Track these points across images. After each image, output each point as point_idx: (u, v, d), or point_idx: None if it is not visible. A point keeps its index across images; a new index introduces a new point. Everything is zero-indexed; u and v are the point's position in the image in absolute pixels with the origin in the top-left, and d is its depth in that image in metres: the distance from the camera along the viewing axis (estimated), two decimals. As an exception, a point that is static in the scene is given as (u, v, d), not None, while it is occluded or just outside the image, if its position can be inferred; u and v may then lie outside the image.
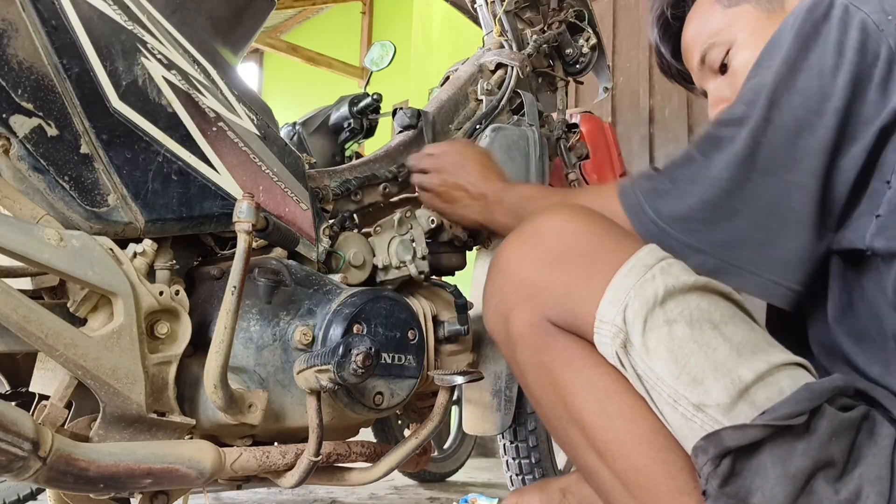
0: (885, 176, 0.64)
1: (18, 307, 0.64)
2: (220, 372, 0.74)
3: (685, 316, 0.63)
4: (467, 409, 1.34)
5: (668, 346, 0.62)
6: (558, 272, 0.68)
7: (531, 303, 0.69)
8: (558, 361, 0.68)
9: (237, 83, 0.92)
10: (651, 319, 0.61)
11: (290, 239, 0.87)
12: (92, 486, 0.68)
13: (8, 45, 0.70)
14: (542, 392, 0.71)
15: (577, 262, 0.68)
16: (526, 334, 0.70)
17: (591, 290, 0.65)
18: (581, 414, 0.66)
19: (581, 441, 0.67)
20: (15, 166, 0.73)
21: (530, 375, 0.71)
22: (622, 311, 0.62)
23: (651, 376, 0.62)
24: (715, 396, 0.60)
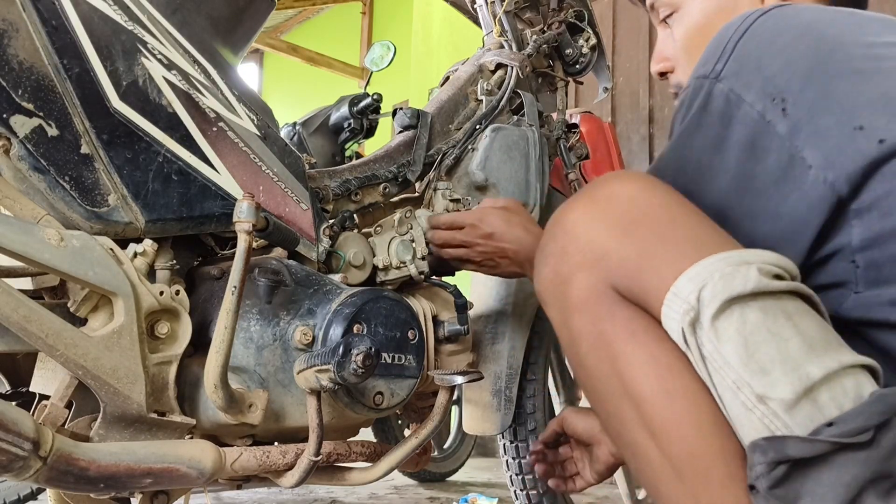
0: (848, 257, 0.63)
1: (19, 307, 0.64)
2: (221, 372, 0.74)
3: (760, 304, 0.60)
4: (467, 409, 1.34)
5: (738, 329, 0.59)
6: (631, 239, 0.65)
7: (597, 267, 0.66)
8: (621, 332, 0.65)
9: (237, 83, 0.92)
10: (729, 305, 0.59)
11: (291, 239, 0.87)
12: (92, 486, 0.68)
13: (8, 45, 0.71)
14: (597, 363, 0.67)
15: (652, 231, 0.65)
16: (588, 300, 0.67)
17: (666, 263, 0.62)
18: (639, 389, 0.63)
19: (633, 417, 0.64)
20: (15, 166, 0.73)
21: (585, 344, 0.68)
22: (698, 289, 0.59)
23: (717, 359, 0.59)
24: (780, 390, 0.58)
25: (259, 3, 0.99)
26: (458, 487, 2.53)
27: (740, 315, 0.59)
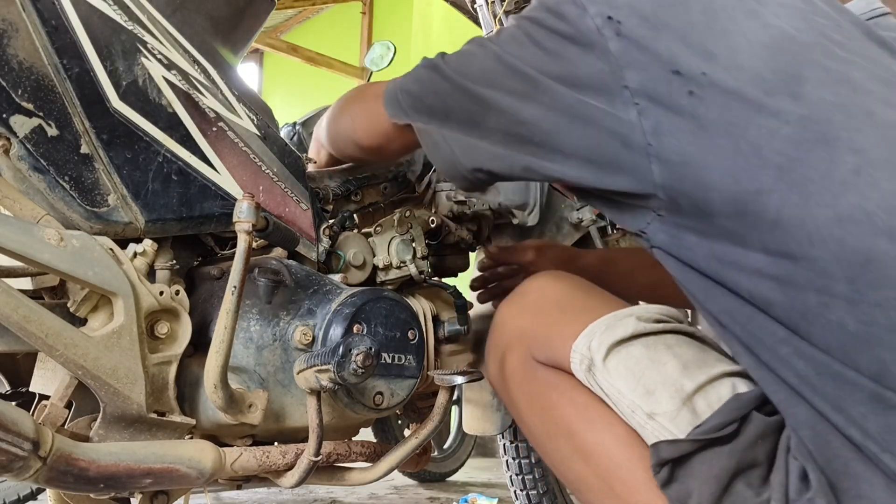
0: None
1: (19, 307, 0.64)
2: (220, 372, 0.74)
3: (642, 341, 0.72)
4: (467, 409, 1.34)
5: (625, 364, 0.71)
6: (541, 319, 0.80)
7: (520, 345, 0.81)
8: (544, 387, 0.79)
9: (237, 83, 0.92)
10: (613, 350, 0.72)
11: (290, 239, 0.87)
12: (92, 486, 0.68)
13: (8, 45, 0.71)
14: (532, 415, 0.81)
15: (557, 310, 0.80)
16: (517, 371, 0.82)
17: (567, 331, 0.76)
18: (567, 423, 0.76)
19: (568, 450, 0.76)
20: (15, 166, 0.73)
21: (522, 403, 0.82)
22: (589, 342, 0.73)
23: (613, 391, 0.71)
24: (663, 405, 0.68)
25: (259, 3, 0.99)
26: (458, 487, 2.53)
27: (626, 353, 0.71)
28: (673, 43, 0.62)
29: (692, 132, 0.61)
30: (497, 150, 0.74)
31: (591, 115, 0.65)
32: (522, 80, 0.69)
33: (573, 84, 0.66)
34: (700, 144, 0.61)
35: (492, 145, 0.74)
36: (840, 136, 0.57)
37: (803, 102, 0.58)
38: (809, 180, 0.57)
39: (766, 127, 0.58)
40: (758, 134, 0.59)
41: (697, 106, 0.60)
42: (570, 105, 0.66)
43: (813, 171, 0.57)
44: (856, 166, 0.56)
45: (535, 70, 0.68)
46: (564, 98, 0.67)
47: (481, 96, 0.73)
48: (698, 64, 0.61)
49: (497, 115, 0.72)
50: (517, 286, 0.86)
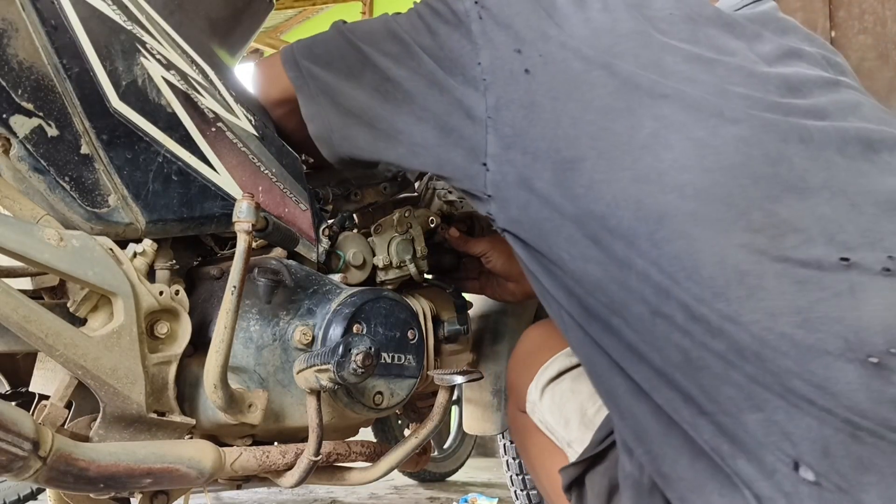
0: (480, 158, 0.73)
1: (18, 307, 0.64)
2: (220, 372, 0.74)
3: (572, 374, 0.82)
4: (467, 408, 1.34)
5: (552, 399, 0.82)
6: (519, 371, 0.93)
7: (511, 398, 0.97)
8: (523, 433, 0.93)
9: (235, 84, 0.92)
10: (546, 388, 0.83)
11: (290, 239, 0.87)
12: (92, 486, 0.68)
13: (8, 45, 0.71)
14: (521, 453, 0.97)
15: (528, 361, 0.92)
16: (511, 421, 0.98)
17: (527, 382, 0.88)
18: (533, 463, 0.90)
19: (538, 480, 0.91)
20: (15, 167, 0.73)
21: (517, 445, 0.97)
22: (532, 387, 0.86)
23: (548, 427, 0.83)
24: (574, 432, 0.78)
25: (257, 4, 0.99)
26: (458, 487, 2.53)
27: (555, 390, 0.83)
28: (520, 26, 0.70)
29: (525, 106, 0.68)
30: (364, 105, 0.81)
31: (447, 85, 0.73)
32: (398, 45, 0.79)
33: (438, 57, 0.75)
34: (531, 118, 0.67)
35: (360, 101, 0.82)
36: (644, 103, 0.62)
37: (616, 77, 0.64)
38: (614, 146, 0.63)
39: (582, 100, 0.65)
40: (575, 107, 0.65)
41: (531, 82, 0.67)
42: (431, 72, 0.75)
43: (617, 138, 0.63)
44: (654, 131, 0.62)
45: (411, 39, 0.78)
46: (428, 66, 0.75)
47: (363, 51, 0.82)
48: (536, 45, 0.68)
49: (371, 71, 0.81)
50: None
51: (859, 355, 0.52)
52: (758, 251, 0.56)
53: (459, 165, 0.74)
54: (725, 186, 0.58)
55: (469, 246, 1.13)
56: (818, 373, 0.52)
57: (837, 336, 0.53)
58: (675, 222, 0.59)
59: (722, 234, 0.57)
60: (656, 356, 0.60)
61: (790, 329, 0.54)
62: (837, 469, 0.51)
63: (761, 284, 0.55)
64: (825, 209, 0.57)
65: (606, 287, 0.63)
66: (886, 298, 0.53)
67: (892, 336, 0.52)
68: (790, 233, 0.56)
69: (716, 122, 0.61)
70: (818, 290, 0.54)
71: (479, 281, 1.18)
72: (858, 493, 0.50)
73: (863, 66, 2.25)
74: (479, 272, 1.18)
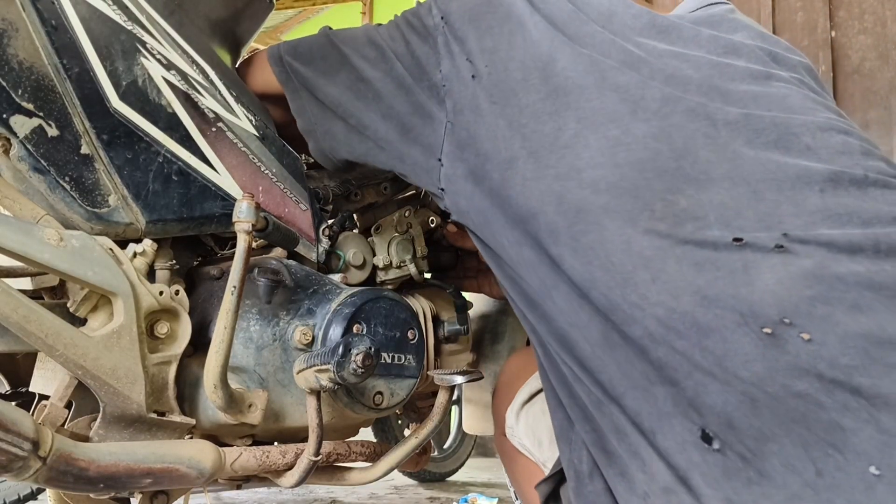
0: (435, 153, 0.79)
1: (18, 307, 0.64)
2: (220, 372, 0.74)
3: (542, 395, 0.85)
4: (467, 408, 1.34)
5: (526, 422, 0.86)
6: (498, 401, 0.99)
7: (496, 425, 1.01)
8: (506, 455, 0.98)
9: (235, 84, 0.92)
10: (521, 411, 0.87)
11: (290, 239, 0.87)
12: (92, 486, 0.68)
13: (8, 45, 0.70)
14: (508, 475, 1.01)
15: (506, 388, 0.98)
16: (498, 446, 1.02)
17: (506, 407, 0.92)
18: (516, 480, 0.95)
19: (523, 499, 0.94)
20: (15, 167, 0.73)
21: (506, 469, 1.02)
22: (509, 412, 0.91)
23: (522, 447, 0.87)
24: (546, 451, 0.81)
25: (257, 4, 0.99)
26: (458, 487, 2.53)
27: (526, 413, 0.87)
28: (473, 39, 0.77)
29: (473, 110, 0.75)
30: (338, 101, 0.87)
31: (413, 90, 0.81)
32: (375, 50, 0.86)
33: (408, 63, 0.82)
34: (478, 122, 0.74)
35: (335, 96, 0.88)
36: (570, 107, 0.69)
37: (550, 83, 0.71)
38: (542, 146, 0.68)
39: (518, 105, 0.71)
40: (512, 111, 0.72)
41: (477, 87, 0.75)
42: (400, 76, 0.82)
43: (545, 139, 0.68)
44: (577, 132, 0.67)
45: (387, 45, 0.85)
46: (398, 70, 0.83)
47: (343, 52, 0.88)
48: (483, 56, 0.76)
49: (347, 71, 0.87)
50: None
51: (754, 328, 0.55)
52: (659, 237, 0.61)
53: (418, 161, 0.81)
54: (633, 180, 0.63)
55: (465, 240, 1.15)
56: (718, 347, 0.56)
57: (733, 311, 0.56)
58: (590, 215, 0.64)
59: (628, 224, 0.62)
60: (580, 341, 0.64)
61: (691, 307, 0.57)
62: (741, 440, 0.54)
63: (664, 268, 0.59)
64: (724, 198, 0.61)
65: (538, 267, 0.67)
66: (778, 273, 0.57)
67: (783, 307, 0.55)
68: (689, 220, 0.61)
69: (629, 121, 0.66)
70: (714, 269, 0.58)
71: (477, 279, 1.20)
72: (761, 462, 0.53)
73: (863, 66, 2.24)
74: (478, 270, 1.19)
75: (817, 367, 0.53)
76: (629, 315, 0.60)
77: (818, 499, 0.50)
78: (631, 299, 0.60)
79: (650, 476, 0.58)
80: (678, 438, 0.56)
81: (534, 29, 0.75)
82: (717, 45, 0.74)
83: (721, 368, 0.55)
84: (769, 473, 0.52)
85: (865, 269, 0.56)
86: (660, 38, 0.74)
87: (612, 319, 0.61)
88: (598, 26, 0.74)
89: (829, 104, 0.73)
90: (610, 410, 0.62)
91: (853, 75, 2.36)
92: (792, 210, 0.60)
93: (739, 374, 0.54)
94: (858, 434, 0.51)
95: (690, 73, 0.70)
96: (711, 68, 0.71)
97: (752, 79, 0.71)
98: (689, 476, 0.55)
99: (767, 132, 0.66)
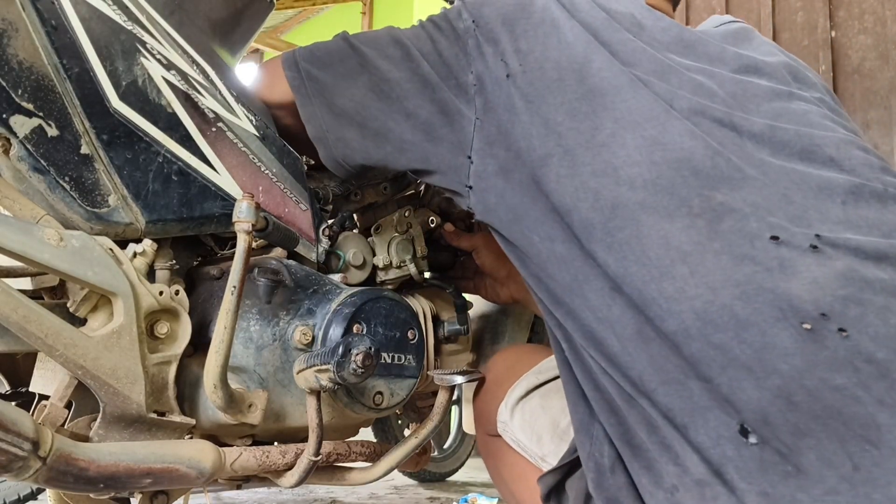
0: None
1: (18, 307, 0.64)
2: (220, 372, 0.74)
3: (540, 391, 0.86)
4: (467, 408, 1.34)
5: (522, 417, 0.86)
6: (487, 396, 0.96)
7: (479, 424, 1.00)
8: (493, 456, 0.96)
9: (235, 84, 0.92)
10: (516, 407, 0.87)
11: (290, 239, 0.87)
12: (92, 486, 0.68)
13: (8, 44, 0.70)
14: (494, 477, 0.99)
15: (494, 386, 0.95)
16: (481, 446, 1.01)
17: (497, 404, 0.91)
18: (505, 483, 0.93)
19: (509, 497, 0.93)
20: (15, 167, 0.73)
21: (490, 471, 1.00)
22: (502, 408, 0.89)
23: (518, 444, 0.86)
24: (546, 446, 0.81)
25: (258, 4, 0.99)
26: (458, 487, 2.53)
27: (522, 408, 0.87)
28: (507, 42, 0.78)
29: (507, 109, 0.76)
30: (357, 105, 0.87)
31: (439, 88, 0.81)
32: (400, 49, 0.86)
33: (434, 62, 0.83)
34: (512, 120, 0.75)
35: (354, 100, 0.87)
36: (606, 107, 0.70)
37: (585, 83, 0.72)
38: (578, 144, 0.70)
39: (553, 104, 0.72)
40: (547, 111, 0.73)
41: (511, 87, 0.76)
42: (426, 75, 0.83)
43: (580, 137, 0.70)
44: (613, 131, 0.69)
45: (412, 44, 0.85)
46: (424, 69, 0.83)
47: (364, 55, 0.87)
48: (518, 57, 0.77)
49: (369, 73, 0.87)
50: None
51: (793, 322, 0.56)
52: (698, 232, 0.62)
53: (444, 159, 0.81)
54: (670, 177, 0.65)
55: (461, 240, 1.16)
56: (756, 341, 0.56)
57: (772, 305, 0.57)
58: (626, 211, 0.65)
59: (666, 220, 0.63)
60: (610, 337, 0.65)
61: (730, 301, 0.58)
62: (777, 434, 0.54)
63: (702, 262, 0.60)
64: (757, 197, 0.63)
65: (571, 262, 0.68)
66: (813, 272, 0.58)
67: (820, 304, 0.56)
68: (726, 215, 0.62)
69: (664, 122, 0.68)
70: (752, 264, 0.59)
71: (474, 281, 1.20)
72: (797, 456, 0.53)
73: (863, 66, 2.24)
74: (475, 272, 1.20)
75: (854, 361, 0.54)
76: (665, 309, 0.60)
77: (855, 493, 0.51)
78: (668, 293, 0.61)
79: (683, 469, 0.58)
80: (712, 433, 0.57)
81: (569, 32, 0.76)
82: (740, 63, 0.76)
83: (759, 362, 0.56)
84: (806, 468, 0.53)
85: (889, 276, 0.58)
86: (686, 52, 0.76)
87: (645, 313, 0.62)
88: (630, 35, 0.76)
89: (847, 124, 0.75)
90: (640, 404, 0.62)
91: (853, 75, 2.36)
92: (818, 216, 0.62)
93: (778, 367, 0.55)
94: (893, 430, 0.51)
95: (715, 89, 0.72)
96: (735, 85, 0.73)
97: (775, 96, 0.72)
98: (723, 470, 0.56)
99: (792, 144, 0.67)
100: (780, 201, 0.63)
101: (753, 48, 0.80)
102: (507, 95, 0.76)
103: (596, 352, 0.66)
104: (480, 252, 1.15)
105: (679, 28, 0.79)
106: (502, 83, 0.77)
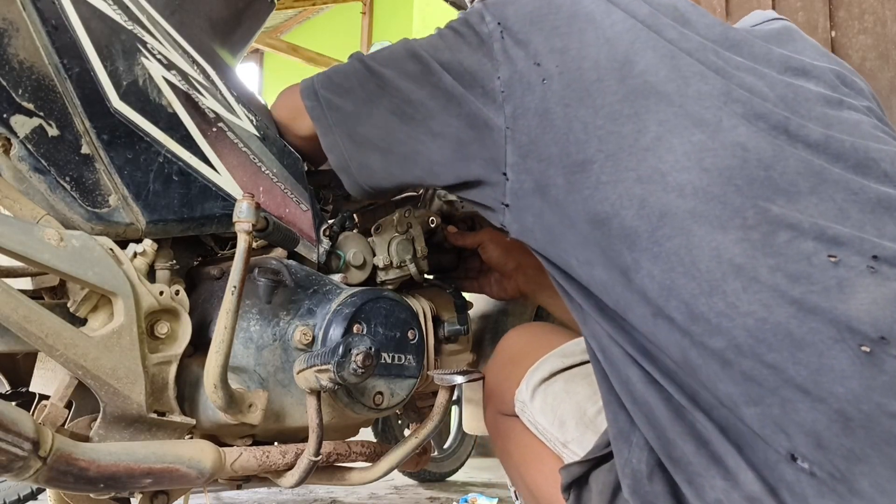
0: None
1: (18, 307, 0.64)
2: (220, 372, 0.74)
3: (564, 375, 0.83)
4: (467, 408, 1.34)
5: (545, 400, 0.82)
6: (501, 374, 0.92)
7: (490, 402, 0.95)
8: (505, 436, 0.92)
9: (236, 84, 0.92)
10: (538, 389, 0.83)
11: (290, 239, 0.87)
12: (92, 486, 0.68)
13: (8, 44, 0.71)
14: (502, 458, 0.94)
15: (509, 364, 0.91)
16: (491, 425, 0.96)
17: (515, 381, 0.87)
18: (517, 465, 0.89)
19: (524, 490, 0.89)
20: (15, 167, 0.73)
21: (497, 451, 0.96)
22: (522, 388, 0.85)
23: (539, 427, 0.83)
24: (571, 433, 0.79)
25: (258, 4, 0.99)
26: (458, 487, 2.53)
27: (548, 390, 0.83)
28: (540, 42, 0.74)
29: (539, 114, 0.72)
30: (381, 132, 0.84)
31: (465, 99, 0.77)
32: (418, 63, 0.81)
33: (457, 72, 0.78)
34: (544, 125, 0.71)
35: (377, 126, 0.84)
36: (650, 109, 0.66)
37: (627, 84, 0.68)
38: (620, 149, 0.66)
39: (593, 106, 0.69)
40: (586, 112, 0.69)
41: (546, 91, 0.72)
42: (449, 87, 0.78)
43: (624, 141, 0.66)
44: (658, 135, 0.65)
45: (430, 56, 0.80)
46: (446, 81, 0.78)
47: (383, 76, 0.84)
48: (553, 57, 0.72)
49: (390, 95, 0.83)
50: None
51: (851, 345, 0.54)
52: (752, 246, 0.59)
53: (480, 176, 0.77)
54: (721, 186, 0.62)
55: (466, 239, 1.15)
56: (812, 362, 0.54)
57: (830, 325, 0.55)
58: (675, 220, 0.62)
59: (718, 231, 0.60)
60: (662, 355, 0.63)
61: (785, 319, 0.56)
62: (831, 460, 0.53)
63: (756, 277, 0.58)
64: (813, 212, 0.60)
65: (612, 290, 0.66)
66: (872, 293, 0.56)
67: (880, 326, 0.54)
68: (782, 229, 0.59)
69: (715, 127, 0.64)
70: (809, 283, 0.57)
71: (478, 280, 1.19)
72: (851, 482, 0.52)
73: (863, 66, 2.24)
74: (479, 271, 1.19)
75: None
76: (714, 325, 0.58)
77: None
78: (718, 308, 0.58)
79: (732, 484, 0.57)
80: (761, 455, 0.56)
81: (609, 28, 0.72)
82: (787, 65, 0.73)
83: (815, 384, 0.54)
84: (859, 494, 0.52)
85: None
86: (733, 51, 0.72)
87: (691, 332, 0.59)
88: (676, 31, 0.72)
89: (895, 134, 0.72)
90: (693, 418, 0.60)
91: (853, 75, 2.36)
92: (875, 232, 0.60)
93: (834, 390, 0.53)
94: None
95: (766, 91, 0.68)
96: (785, 88, 0.69)
97: (825, 102, 0.70)
98: (778, 489, 0.55)
99: (847, 156, 0.65)
100: (837, 217, 0.60)
101: (798, 49, 0.76)
102: (542, 100, 0.72)
103: (651, 366, 0.64)
104: (487, 247, 1.13)
105: (724, 26, 0.75)
106: (535, 88, 0.73)
